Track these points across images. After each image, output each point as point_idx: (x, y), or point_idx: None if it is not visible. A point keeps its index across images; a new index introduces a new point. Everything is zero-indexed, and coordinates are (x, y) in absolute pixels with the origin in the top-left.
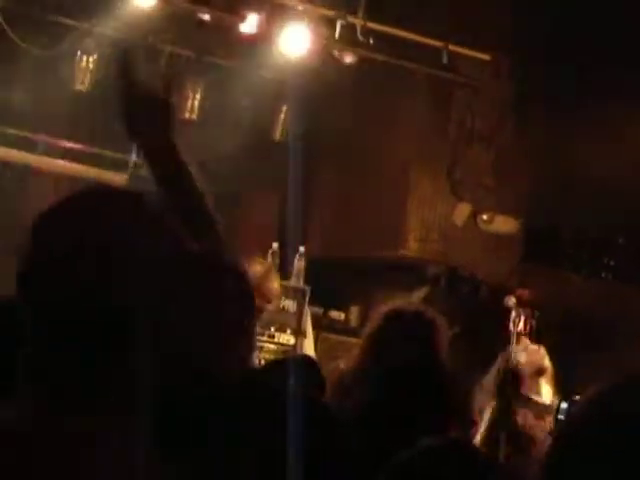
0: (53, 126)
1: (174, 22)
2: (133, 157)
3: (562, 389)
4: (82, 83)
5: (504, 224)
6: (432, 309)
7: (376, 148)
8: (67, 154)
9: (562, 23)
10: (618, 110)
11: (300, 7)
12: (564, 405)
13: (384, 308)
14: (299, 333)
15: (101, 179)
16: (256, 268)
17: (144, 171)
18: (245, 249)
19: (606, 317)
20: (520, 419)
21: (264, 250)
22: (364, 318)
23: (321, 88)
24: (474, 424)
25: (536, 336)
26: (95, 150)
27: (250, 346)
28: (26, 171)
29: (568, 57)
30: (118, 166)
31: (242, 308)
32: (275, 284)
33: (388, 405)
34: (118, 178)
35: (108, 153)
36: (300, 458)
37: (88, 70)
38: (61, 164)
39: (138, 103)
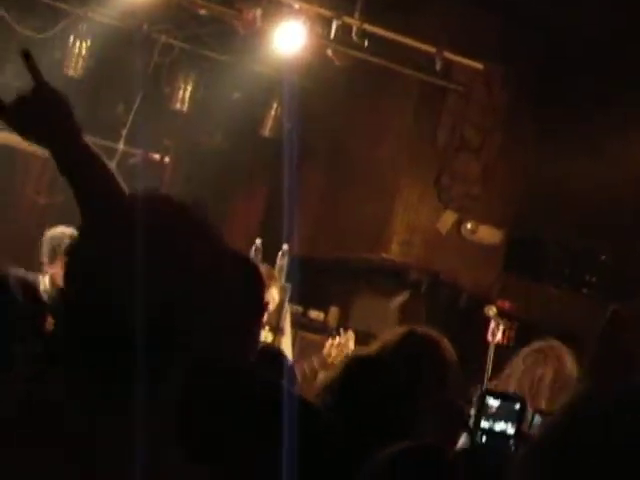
0: None
1: (169, 12)
2: (121, 145)
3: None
4: (73, 69)
5: (488, 234)
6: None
7: (365, 150)
8: None
9: (555, 36)
10: (608, 126)
11: (297, 5)
12: (537, 418)
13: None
14: (277, 331)
15: None
16: None
17: (133, 160)
18: (230, 243)
19: (584, 334)
20: None
21: (248, 245)
22: (343, 319)
23: (313, 87)
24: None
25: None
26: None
27: (255, 343)
28: (14, 154)
29: (560, 70)
30: (106, 154)
31: (253, 308)
32: (273, 290)
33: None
34: None
35: (96, 140)
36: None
37: (80, 56)
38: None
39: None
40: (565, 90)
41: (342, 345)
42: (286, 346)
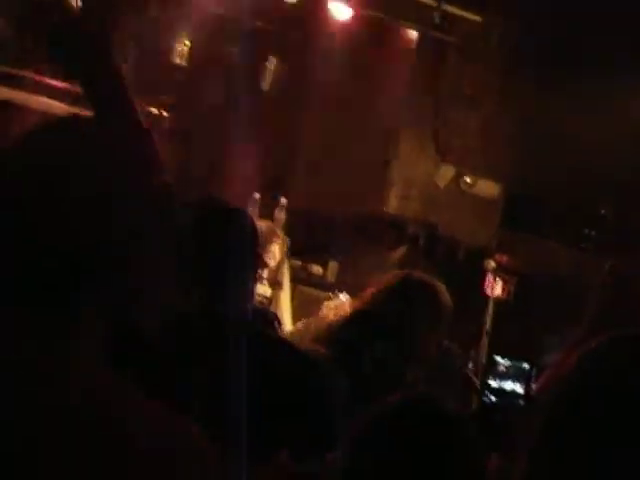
0: (40, 63)
1: None
2: None
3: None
4: None
5: (486, 188)
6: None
7: (363, 103)
8: (52, 92)
9: None
10: (609, 81)
11: None
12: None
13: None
14: (276, 284)
15: None
16: (261, 228)
17: None
18: (228, 198)
19: (582, 289)
20: None
21: (245, 200)
22: (342, 273)
23: (311, 40)
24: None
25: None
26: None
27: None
28: (10, 108)
29: (560, 23)
30: None
31: (244, 259)
32: (275, 247)
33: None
34: None
35: None
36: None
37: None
38: (46, 101)
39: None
40: (567, 43)
41: (339, 307)
42: (284, 300)
